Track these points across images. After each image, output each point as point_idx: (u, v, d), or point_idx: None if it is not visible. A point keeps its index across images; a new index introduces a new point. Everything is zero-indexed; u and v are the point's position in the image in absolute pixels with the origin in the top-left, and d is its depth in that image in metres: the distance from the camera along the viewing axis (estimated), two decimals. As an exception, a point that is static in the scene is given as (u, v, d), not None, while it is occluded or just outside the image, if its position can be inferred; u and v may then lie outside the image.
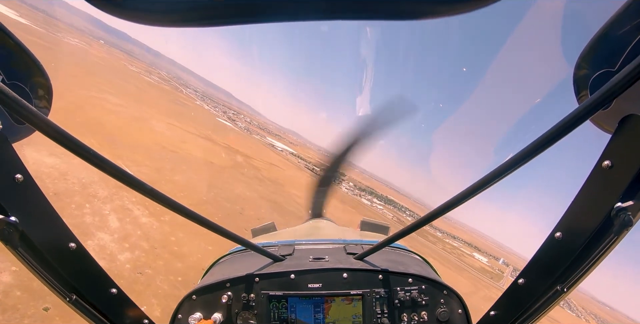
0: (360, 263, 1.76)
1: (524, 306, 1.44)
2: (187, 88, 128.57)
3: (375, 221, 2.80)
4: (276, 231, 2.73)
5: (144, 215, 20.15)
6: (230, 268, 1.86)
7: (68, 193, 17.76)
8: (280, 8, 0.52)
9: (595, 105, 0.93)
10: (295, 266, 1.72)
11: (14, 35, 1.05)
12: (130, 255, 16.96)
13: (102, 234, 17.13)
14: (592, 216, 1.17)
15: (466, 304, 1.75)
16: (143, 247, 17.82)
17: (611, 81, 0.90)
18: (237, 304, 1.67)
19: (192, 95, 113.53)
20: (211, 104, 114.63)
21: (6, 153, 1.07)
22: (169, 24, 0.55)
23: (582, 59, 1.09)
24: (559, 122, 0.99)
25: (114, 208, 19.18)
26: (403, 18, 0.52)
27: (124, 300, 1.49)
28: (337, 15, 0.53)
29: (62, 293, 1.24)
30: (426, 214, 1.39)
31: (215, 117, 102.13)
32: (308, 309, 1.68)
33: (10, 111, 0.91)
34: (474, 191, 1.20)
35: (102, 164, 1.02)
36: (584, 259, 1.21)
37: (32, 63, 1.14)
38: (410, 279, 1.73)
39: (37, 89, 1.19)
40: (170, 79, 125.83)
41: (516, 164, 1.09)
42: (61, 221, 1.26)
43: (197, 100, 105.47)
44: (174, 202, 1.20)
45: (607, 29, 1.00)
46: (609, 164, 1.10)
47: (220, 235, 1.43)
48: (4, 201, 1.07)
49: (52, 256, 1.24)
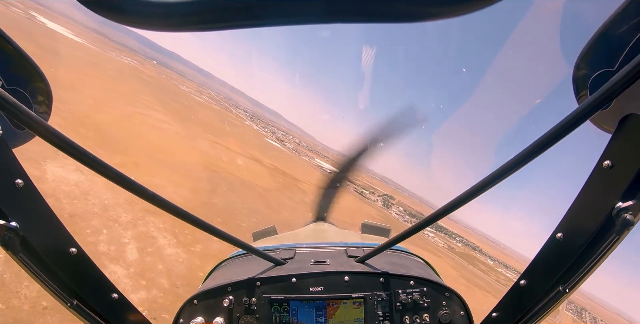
0: (361, 266, 1.78)
1: (526, 307, 1.45)
2: (237, 108, 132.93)
3: (377, 223, 2.77)
4: (277, 234, 2.72)
5: (171, 244, 17.21)
6: (231, 272, 1.88)
7: (86, 215, 15.37)
8: (280, 11, 0.52)
9: (595, 105, 0.95)
10: (297, 270, 1.74)
11: (13, 41, 1.06)
12: (146, 295, 13.76)
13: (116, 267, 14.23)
14: (593, 216, 1.19)
15: (468, 306, 1.75)
16: (162, 285, 14.64)
17: (610, 81, 0.91)
18: (239, 309, 1.68)
19: (242, 115, 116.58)
20: (260, 124, 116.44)
21: (6, 158, 1.10)
22: (168, 29, 0.55)
23: (581, 59, 1.10)
24: (559, 122, 1.01)
25: (136, 236, 16.45)
26: (404, 21, 0.52)
27: (125, 305, 1.51)
28: (338, 19, 0.52)
29: (63, 298, 1.25)
30: (427, 216, 1.41)
31: (263, 138, 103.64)
32: (310, 313, 1.68)
33: (10, 116, 0.93)
34: (474, 193, 1.21)
35: (102, 168, 1.05)
36: (586, 259, 1.22)
37: (31, 68, 1.15)
38: (412, 282, 1.74)
39: (36, 95, 1.21)
40: (220, 99, 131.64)
41: (517, 165, 1.10)
42: (62, 226, 1.28)
43: (246, 120, 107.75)
44: (175, 207, 1.24)
45: (605, 29, 1.01)
46: (610, 164, 1.11)
47: (222, 239, 1.46)
48: (4, 206, 1.09)
49: (53, 261, 1.25)
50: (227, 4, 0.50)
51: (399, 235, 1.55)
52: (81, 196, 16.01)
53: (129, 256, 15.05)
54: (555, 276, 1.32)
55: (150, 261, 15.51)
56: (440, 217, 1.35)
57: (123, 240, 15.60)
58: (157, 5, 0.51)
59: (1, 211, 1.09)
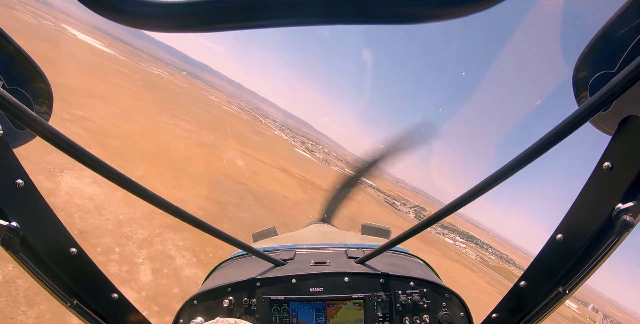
0: (361, 267, 1.79)
1: (526, 309, 1.46)
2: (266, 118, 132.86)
3: (376, 224, 2.75)
4: (277, 235, 2.70)
5: (189, 264, 15.59)
6: (231, 273, 1.88)
7: (97, 232, 14.09)
8: (281, 12, 0.52)
9: (595, 106, 0.95)
10: (297, 271, 1.75)
11: (14, 41, 1.07)
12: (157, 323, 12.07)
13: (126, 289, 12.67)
14: (593, 217, 1.20)
15: (468, 307, 1.76)
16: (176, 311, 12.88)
17: (610, 83, 0.92)
18: (239, 309, 1.70)
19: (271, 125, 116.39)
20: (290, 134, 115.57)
21: (7, 158, 1.11)
22: (168, 30, 0.56)
23: (582, 61, 1.11)
24: (559, 124, 1.01)
25: (152, 255, 14.94)
26: (406, 22, 0.52)
27: (125, 305, 1.52)
28: (339, 20, 0.52)
29: (63, 298, 1.26)
30: (427, 217, 1.43)
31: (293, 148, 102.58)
32: (310, 314, 1.70)
33: (10, 116, 0.95)
34: (475, 194, 1.22)
35: (103, 169, 1.05)
36: (586, 260, 1.23)
37: (32, 69, 1.17)
38: (412, 283, 1.75)
39: (37, 95, 1.22)
40: (249, 109, 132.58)
41: (516, 167, 1.11)
42: (62, 226, 1.28)
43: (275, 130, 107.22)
44: (175, 208, 1.24)
45: (606, 30, 1.01)
46: (609, 165, 1.12)
47: (221, 240, 1.47)
48: (4, 206, 1.10)
49: (53, 261, 1.25)
50: (228, 5, 0.50)
51: (399, 236, 1.56)
52: (94, 211, 14.82)
53: (142, 278, 13.44)
54: (555, 278, 1.34)
55: (165, 283, 13.83)
56: (440, 218, 1.36)
57: (137, 260, 14.07)
58: (158, 5, 0.51)
59: (2, 211, 1.10)
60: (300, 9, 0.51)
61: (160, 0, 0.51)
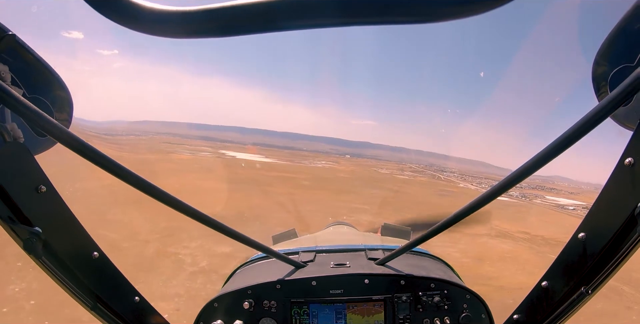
0: (381, 268, 1.77)
1: (547, 310, 1.42)
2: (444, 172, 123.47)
3: (396, 225, 2.75)
4: (297, 237, 2.75)
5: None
6: (251, 275, 1.89)
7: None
8: (298, 15, 0.52)
9: (616, 101, 0.91)
10: (317, 272, 1.74)
11: (33, 51, 1.10)
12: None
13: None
14: (615, 215, 1.16)
15: (489, 309, 1.73)
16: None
17: (631, 76, 0.88)
18: (259, 311, 1.69)
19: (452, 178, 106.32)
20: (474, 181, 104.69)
21: (29, 165, 1.13)
22: (184, 36, 0.58)
23: (600, 56, 1.09)
24: (580, 120, 0.97)
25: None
26: (419, 21, 0.51)
27: (146, 308, 1.54)
28: (353, 21, 0.52)
29: (84, 301, 1.27)
30: (447, 217, 1.38)
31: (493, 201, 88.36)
32: (330, 315, 1.69)
33: (31, 123, 1.01)
34: (497, 192, 1.20)
35: (123, 173, 1.07)
36: (609, 259, 1.19)
37: (52, 78, 1.20)
38: (433, 284, 1.72)
39: (57, 102, 1.25)
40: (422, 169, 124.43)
41: (538, 164, 1.07)
42: (83, 230, 1.30)
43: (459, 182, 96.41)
44: (196, 212, 1.24)
45: (623, 24, 0.99)
46: (631, 161, 1.07)
47: (242, 242, 1.48)
48: (27, 211, 1.11)
49: (75, 265, 1.27)
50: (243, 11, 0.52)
51: (420, 237, 1.54)
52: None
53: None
54: (577, 277, 1.30)
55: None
56: (460, 218, 1.33)
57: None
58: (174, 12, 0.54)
59: (24, 216, 1.11)
60: (318, 11, 0.51)
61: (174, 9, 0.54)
